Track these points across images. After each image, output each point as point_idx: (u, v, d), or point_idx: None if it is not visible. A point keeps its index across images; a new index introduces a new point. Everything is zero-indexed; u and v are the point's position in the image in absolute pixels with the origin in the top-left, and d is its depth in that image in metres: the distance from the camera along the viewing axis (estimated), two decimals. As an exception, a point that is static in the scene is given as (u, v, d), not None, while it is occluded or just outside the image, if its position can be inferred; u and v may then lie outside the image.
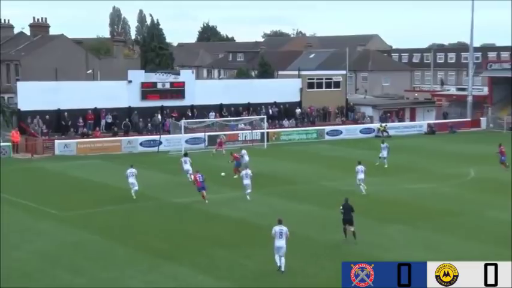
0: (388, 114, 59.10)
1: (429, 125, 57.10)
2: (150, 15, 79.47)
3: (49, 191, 30.97)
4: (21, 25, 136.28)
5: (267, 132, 48.51)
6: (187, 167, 32.52)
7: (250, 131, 48.59)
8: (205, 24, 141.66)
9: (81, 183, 33.00)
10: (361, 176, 30.12)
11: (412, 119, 60.90)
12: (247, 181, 28.48)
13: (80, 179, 34.12)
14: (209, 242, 22.28)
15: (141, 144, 44.91)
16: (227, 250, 21.46)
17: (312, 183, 33.11)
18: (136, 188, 29.00)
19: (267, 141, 47.66)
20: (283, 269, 18.97)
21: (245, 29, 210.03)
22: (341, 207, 22.37)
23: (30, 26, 71.10)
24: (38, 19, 71.05)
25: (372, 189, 31.25)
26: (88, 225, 24.46)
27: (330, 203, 27.95)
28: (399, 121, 58.86)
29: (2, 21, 74.35)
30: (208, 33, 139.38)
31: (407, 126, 57.52)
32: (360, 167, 30.32)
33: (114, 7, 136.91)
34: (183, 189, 31.07)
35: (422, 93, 75.07)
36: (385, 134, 53.59)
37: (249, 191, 28.44)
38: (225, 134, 47.30)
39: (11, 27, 74.29)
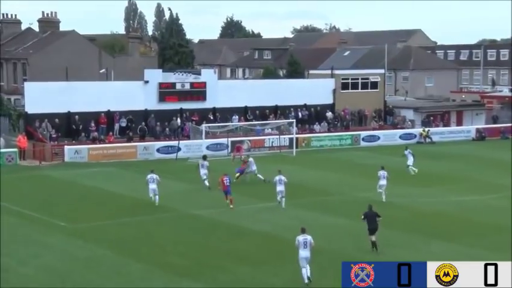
0: (431, 118, 58.75)
1: (478, 130, 56.65)
2: (169, 9, 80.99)
3: (58, 202, 31.44)
4: (29, 20, 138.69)
5: (296, 138, 48.60)
6: (204, 171, 33.50)
7: (277, 137, 48.74)
8: (228, 19, 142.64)
9: (93, 193, 33.46)
10: (383, 182, 30.91)
11: (459, 123, 60.48)
12: (280, 187, 29.28)
13: (91, 189, 34.59)
14: (232, 258, 22.47)
15: (158, 150, 45.35)
16: (252, 266, 21.61)
17: (345, 194, 33.12)
18: (157, 196, 29.77)
19: (296, 147, 47.74)
20: (309, 274, 19.33)
21: (273, 24, 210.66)
22: (362, 217, 22.95)
23: (39, 21, 72.33)
24: (47, 14, 72.29)
25: (414, 200, 31.31)
26: (100, 238, 24.81)
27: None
28: (444, 126, 58.49)
29: (9, 16, 75.91)
30: (232, 29, 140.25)
31: (453, 131, 57.15)
32: (383, 173, 31.10)
33: (129, 0, 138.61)
34: (203, 200, 31.36)
35: (470, 95, 74.44)
36: (428, 140, 53.37)
37: (283, 199, 29.29)
38: (249, 140, 47.57)
39: (18, 22, 75.76)
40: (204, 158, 34.96)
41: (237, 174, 34.80)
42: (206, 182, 33.20)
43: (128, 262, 21.97)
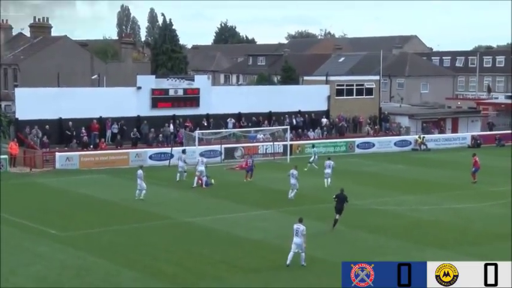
0: (425, 125, 58.85)
1: (473, 137, 56.84)
2: (162, 14, 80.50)
3: (49, 209, 31.36)
4: (21, 26, 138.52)
5: (290, 145, 48.64)
6: (182, 164, 37.68)
7: (271, 143, 48.76)
8: (222, 25, 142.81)
9: (84, 201, 33.39)
10: (327, 170, 36.29)
11: (454, 130, 60.69)
12: (293, 180, 32.80)
13: (82, 196, 34.52)
14: (225, 266, 22.44)
15: (150, 157, 45.32)
16: (244, 275, 21.60)
17: (341, 202, 33.09)
18: (144, 191, 32.21)
19: (290, 154, 47.77)
20: (303, 262, 21.74)
21: (267, 29, 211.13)
22: (334, 197, 26.96)
23: (30, 26, 72.29)
24: (39, 19, 72.24)
25: (409, 208, 31.35)
26: (91, 246, 24.75)
27: (360, 224, 28.09)
28: (439, 133, 58.65)
29: (0, 21, 75.82)
30: (226, 35, 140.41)
31: (449, 138, 57.35)
32: (328, 162, 36.72)
33: (122, 6, 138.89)
34: (196, 207, 31.39)
35: (466, 102, 74.80)
36: (423, 147, 53.53)
37: (294, 191, 32.78)
38: (243, 147, 47.59)
39: (10, 28, 75.65)
40: (184, 152, 39.03)
41: (246, 174, 38.09)
42: (178, 174, 37.24)
43: (120, 270, 21.91)
